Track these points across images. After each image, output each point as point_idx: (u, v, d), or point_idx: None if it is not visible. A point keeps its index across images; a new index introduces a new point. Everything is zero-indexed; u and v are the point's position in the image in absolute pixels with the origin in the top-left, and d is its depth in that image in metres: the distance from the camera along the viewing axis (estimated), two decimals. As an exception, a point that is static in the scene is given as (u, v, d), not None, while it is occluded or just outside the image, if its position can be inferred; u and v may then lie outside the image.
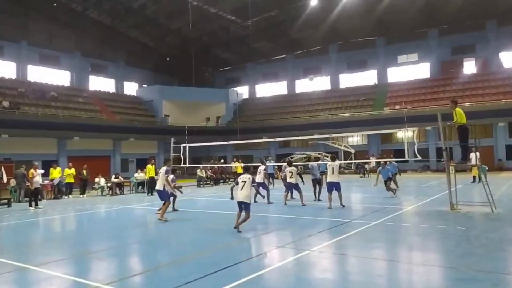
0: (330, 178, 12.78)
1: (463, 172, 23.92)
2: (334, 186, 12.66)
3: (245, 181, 9.27)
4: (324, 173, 17.43)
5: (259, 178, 14.61)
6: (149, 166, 20.66)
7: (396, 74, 42.62)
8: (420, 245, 7.60)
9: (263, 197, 14.83)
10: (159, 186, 11.62)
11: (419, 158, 13.61)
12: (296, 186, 13.89)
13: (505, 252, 6.59)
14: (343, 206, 12.48)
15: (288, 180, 13.99)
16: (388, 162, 16.36)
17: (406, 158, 13.79)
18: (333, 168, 12.72)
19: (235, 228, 9.06)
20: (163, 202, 11.37)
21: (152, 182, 19.54)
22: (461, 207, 11.45)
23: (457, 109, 11.48)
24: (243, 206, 9.10)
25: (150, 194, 19.90)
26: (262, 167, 15.17)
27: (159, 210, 11.63)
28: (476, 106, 31.48)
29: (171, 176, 11.98)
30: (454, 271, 5.78)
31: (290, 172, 13.89)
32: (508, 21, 35.28)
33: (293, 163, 14.97)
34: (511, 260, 6.14)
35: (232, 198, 15.17)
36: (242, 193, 9.15)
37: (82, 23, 39.00)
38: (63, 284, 5.70)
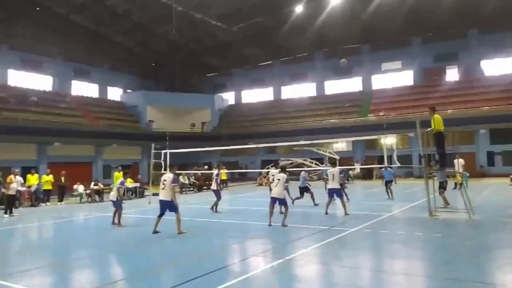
0: (331, 184, 12.47)
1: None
2: (334, 193, 12.43)
3: (279, 179, 10.31)
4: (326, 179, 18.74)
5: (213, 185, 14.54)
6: (116, 173, 19.10)
7: (380, 81, 43.02)
8: (394, 253, 7.50)
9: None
10: (166, 196, 9.76)
11: (398, 164, 13.56)
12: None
13: (480, 260, 6.51)
14: (347, 214, 12.02)
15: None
16: (384, 168, 16.70)
17: (386, 164, 13.73)
18: (333, 174, 12.40)
19: (269, 225, 10.08)
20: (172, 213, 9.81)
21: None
22: (439, 214, 11.44)
23: (435, 115, 11.51)
24: (278, 201, 10.18)
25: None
26: (214, 173, 14.87)
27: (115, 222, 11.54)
28: (458, 113, 31.86)
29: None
30: (427, 279, 5.68)
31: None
32: (489, 29, 35.97)
33: (286, 170, 11.24)
34: (485, 267, 6.06)
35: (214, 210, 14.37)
36: (276, 190, 10.19)
37: (66, 28, 38.41)
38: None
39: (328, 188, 12.78)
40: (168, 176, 9.97)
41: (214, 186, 14.64)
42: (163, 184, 9.82)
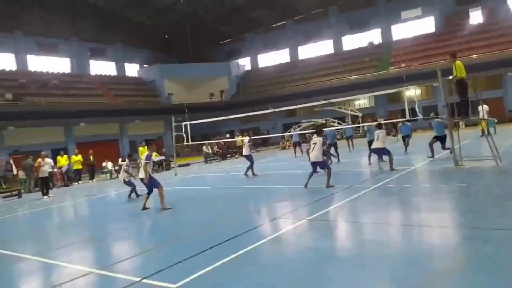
0: (375, 144, 12.59)
1: (473, 127, 23.51)
2: (380, 152, 12.71)
3: (315, 143, 10.13)
4: (351, 137, 20.60)
5: (245, 151, 15.22)
6: (141, 148, 19.79)
7: (401, 31, 41.30)
8: (417, 207, 7.48)
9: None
10: (142, 175, 9.78)
11: (421, 116, 13.24)
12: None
13: (502, 207, 6.41)
14: (394, 169, 11.67)
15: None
16: (402, 123, 16.52)
17: (407, 117, 13.43)
18: (378, 135, 12.45)
19: (305, 186, 10.10)
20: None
21: None
22: (465, 163, 11.21)
23: (457, 62, 11.03)
24: (317, 165, 10.16)
25: None
26: (246, 140, 15.42)
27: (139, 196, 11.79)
28: (483, 57, 30.47)
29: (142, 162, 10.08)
30: (447, 230, 5.68)
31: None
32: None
33: (322, 131, 11.28)
34: (506, 215, 5.98)
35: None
36: (313, 154, 10.11)
37: (75, 8, 38.40)
38: (59, 271, 5.78)
39: (372, 148, 12.99)
40: (144, 154, 10.04)
41: (246, 151, 15.00)
42: (141, 163, 10.33)
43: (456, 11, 38.33)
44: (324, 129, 14.76)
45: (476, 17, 37.74)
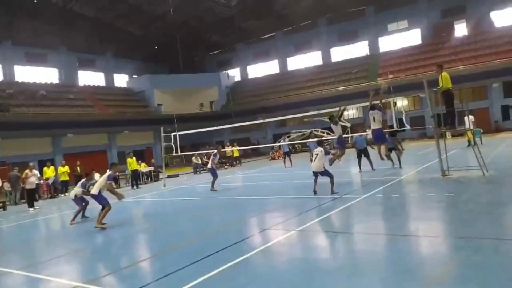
0: (315, 164, 10.87)
1: (460, 137, 23.84)
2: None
3: (317, 154, 10.41)
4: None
5: (209, 164, 14.97)
6: (129, 159, 20.40)
7: (387, 43, 42.02)
8: (406, 216, 7.54)
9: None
10: (94, 190, 9.79)
11: (408, 127, 13.41)
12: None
13: (491, 215, 6.49)
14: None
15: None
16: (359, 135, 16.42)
17: (395, 128, 13.57)
18: (374, 117, 11.84)
19: (314, 193, 10.34)
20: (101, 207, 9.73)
21: (134, 175, 20.26)
22: (453, 173, 11.34)
23: (443, 73, 11.22)
24: (319, 174, 10.41)
25: (136, 187, 19.76)
26: (212, 153, 15.13)
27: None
28: (469, 68, 31.08)
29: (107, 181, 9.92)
30: (437, 239, 5.70)
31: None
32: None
33: (323, 142, 11.56)
34: (495, 223, 6.04)
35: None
36: (315, 164, 10.37)
37: (66, 18, 38.24)
38: (45, 286, 5.64)
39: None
40: (105, 175, 9.99)
41: (210, 165, 14.85)
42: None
43: (441, 24, 39.16)
44: (354, 135, 14.61)
45: (461, 29, 38.60)
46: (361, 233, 6.60)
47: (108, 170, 10.16)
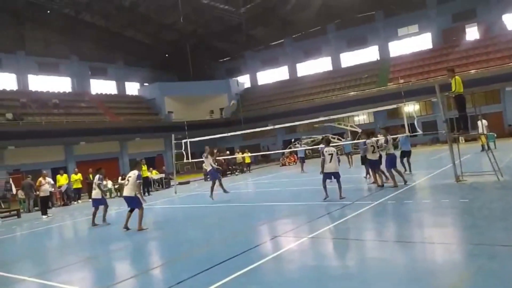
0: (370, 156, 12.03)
1: (473, 142, 23.52)
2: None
3: (331, 154, 10.29)
4: (350, 153, 19.87)
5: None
6: (143, 167, 20.32)
7: (397, 47, 41.78)
8: (419, 223, 7.43)
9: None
10: (129, 192, 9.88)
11: (420, 132, 13.26)
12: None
13: (506, 222, 6.36)
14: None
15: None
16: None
17: (407, 133, 13.43)
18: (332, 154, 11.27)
19: (324, 199, 10.21)
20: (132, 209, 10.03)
21: (145, 182, 19.75)
22: (467, 178, 11.17)
23: (456, 77, 11.11)
24: (332, 176, 10.24)
25: (147, 194, 19.82)
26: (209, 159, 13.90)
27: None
28: (481, 72, 30.70)
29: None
30: (451, 247, 5.60)
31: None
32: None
33: (330, 141, 11.42)
34: (510, 230, 5.91)
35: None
36: (331, 165, 10.23)
37: (77, 28, 38.91)
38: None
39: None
40: (133, 173, 10.01)
41: (208, 167, 14.50)
42: (127, 180, 10.01)
43: (452, 27, 38.83)
44: (398, 136, 13.61)
45: (472, 33, 38.21)
46: (373, 240, 6.52)
47: (135, 170, 10.01)
